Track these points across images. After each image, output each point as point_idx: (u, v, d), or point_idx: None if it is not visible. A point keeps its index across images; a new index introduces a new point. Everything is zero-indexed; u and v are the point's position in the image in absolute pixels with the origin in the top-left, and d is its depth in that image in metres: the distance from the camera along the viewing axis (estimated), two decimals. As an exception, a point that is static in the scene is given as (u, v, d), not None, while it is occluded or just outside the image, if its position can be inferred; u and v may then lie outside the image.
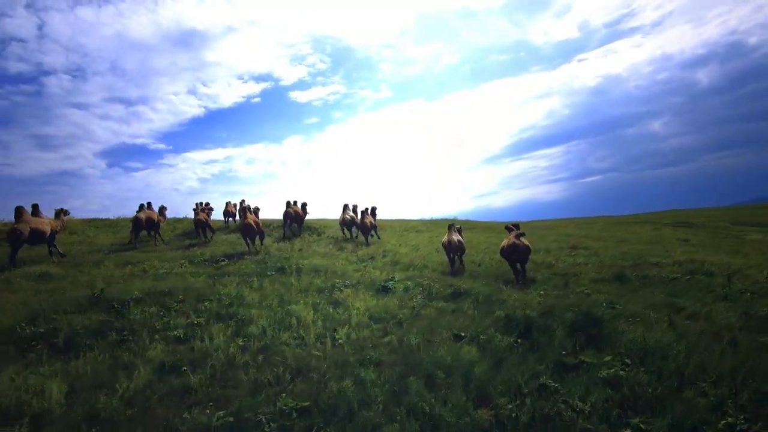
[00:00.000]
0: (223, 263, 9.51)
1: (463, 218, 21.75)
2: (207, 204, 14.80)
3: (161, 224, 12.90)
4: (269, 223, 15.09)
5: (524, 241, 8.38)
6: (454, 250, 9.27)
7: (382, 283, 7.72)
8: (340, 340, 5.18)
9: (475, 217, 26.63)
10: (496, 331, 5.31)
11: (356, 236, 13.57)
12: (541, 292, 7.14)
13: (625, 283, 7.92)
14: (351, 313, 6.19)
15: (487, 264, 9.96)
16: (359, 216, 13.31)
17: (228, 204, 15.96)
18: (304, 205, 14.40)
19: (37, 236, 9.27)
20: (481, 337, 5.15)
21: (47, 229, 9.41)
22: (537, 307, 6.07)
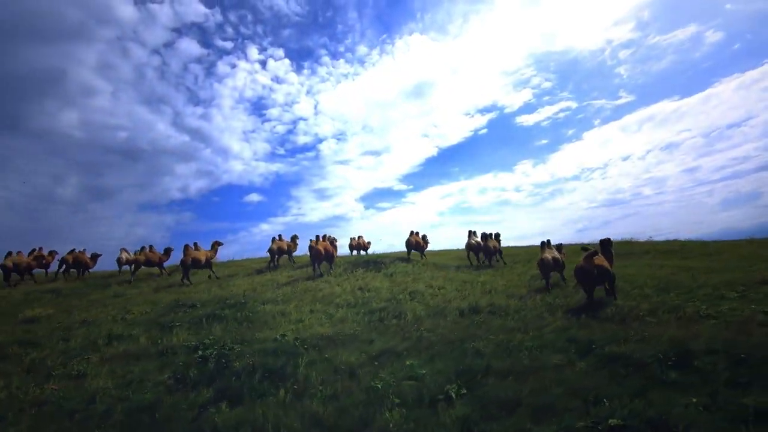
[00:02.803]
0: (175, 313, 8.56)
1: (738, 236, 15.34)
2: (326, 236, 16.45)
3: (292, 251, 16.60)
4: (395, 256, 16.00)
5: (598, 262, 7.42)
6: (548, 268, 9.23)
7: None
8: None
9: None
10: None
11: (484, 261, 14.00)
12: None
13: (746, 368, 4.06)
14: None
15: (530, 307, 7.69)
16: (483, 241, 13.99)
17: (352, 239, 19.47)
18: (424, 236, 16.32)
19: (196, 263, 13.23)
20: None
21: (203, 258, 13.48)
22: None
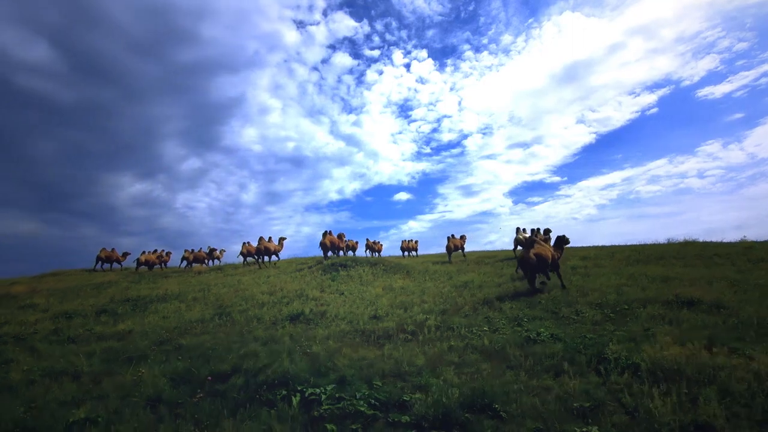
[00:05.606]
0: (109, 304, 9.62)
1: None
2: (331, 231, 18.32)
3: (342, 246, 17.89)
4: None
5: (537, 251, 8.18)
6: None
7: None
8: None
9: None
10: None
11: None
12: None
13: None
14: None
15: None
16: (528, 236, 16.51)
17: (403, 242, 21.97)
18: (463, 236, 18.50)
19: (267, 251, 16.76)
20: None
21: (272, 248, 16.92)
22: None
